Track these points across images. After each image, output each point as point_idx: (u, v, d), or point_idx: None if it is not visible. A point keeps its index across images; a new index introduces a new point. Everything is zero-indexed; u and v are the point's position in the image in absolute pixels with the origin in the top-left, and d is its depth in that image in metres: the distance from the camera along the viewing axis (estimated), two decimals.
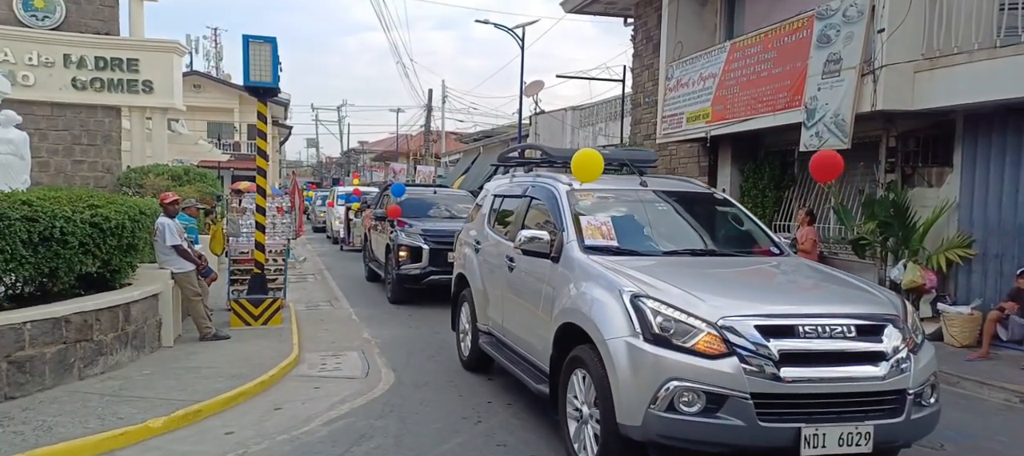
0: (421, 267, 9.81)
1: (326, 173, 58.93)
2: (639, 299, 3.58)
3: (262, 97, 7.87)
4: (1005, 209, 7.21)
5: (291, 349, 6.74)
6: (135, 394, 5.17)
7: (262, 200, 8.10)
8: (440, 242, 9.83)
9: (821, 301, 3.86)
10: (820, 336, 3.38)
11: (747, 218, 5.25)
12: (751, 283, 4.32)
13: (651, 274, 3.86)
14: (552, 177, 5.28)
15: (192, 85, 30.24)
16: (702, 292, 3.60)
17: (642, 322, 3.49)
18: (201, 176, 12.73)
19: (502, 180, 6.50)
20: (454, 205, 12.14)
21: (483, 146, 28.04)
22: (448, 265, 9.83)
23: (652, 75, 12.92)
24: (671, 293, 3.58)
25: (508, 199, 6.02)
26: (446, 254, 9.73)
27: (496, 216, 6.12)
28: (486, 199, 6.51)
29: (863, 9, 7.53)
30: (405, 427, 4.85)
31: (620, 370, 3.48)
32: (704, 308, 3.45)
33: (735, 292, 3.90)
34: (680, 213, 5.12)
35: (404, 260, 9.90)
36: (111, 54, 12.31)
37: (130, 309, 6.04)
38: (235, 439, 4.55)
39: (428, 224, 10.55)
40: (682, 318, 3.43)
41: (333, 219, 22.94)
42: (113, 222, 5.83)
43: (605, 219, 4.56)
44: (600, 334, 3.66)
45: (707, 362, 3.31)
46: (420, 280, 9.83)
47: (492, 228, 6.04)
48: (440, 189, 14.22)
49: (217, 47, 43.79)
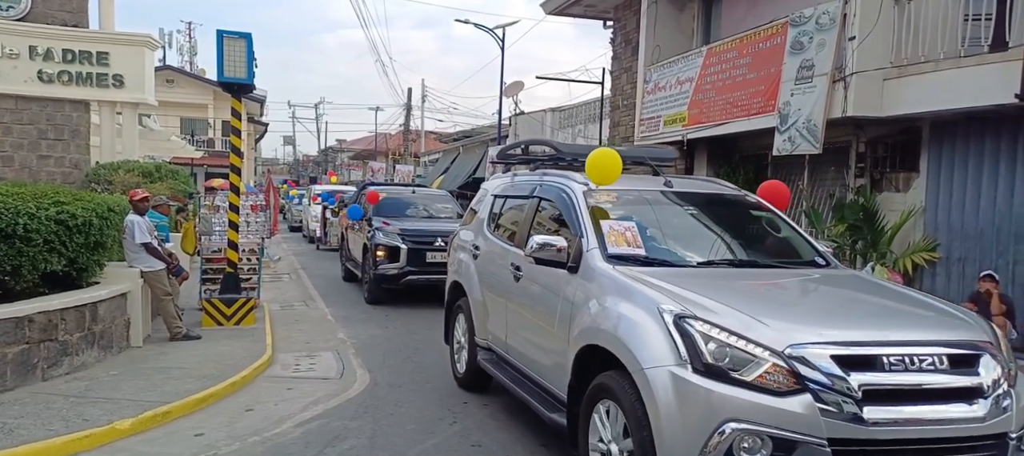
0: (399, 267, 9.72)
1: (303, 171, 58.30)
2: (685, 320, 3.01)
3: (236, 93, 7.77)
4: (968, 214, 7.41)
5: (264, 349, 6.66)
6: (102, 395, 5.07)
7: (236, 198, 7.99)
8: (418, 242, 9.81)
9: (904, 325, 3.24)
10: (907, 368, 2.83)
11: (785, 223, 4.70)
12: (814, 302, 3.75)
13: (692, 289, 3.30)
14: (564, 176, 4.71)
15: (165, 80, 29.71)
16: (761, 313, 3.06)
17: (690, 349, 2.93)
18: (173, 173, 12.50)
19: (502, 179, 5.93)
20: (433, 205, 12.00)
21: (463, 146, 27.99)
22: (427, 265, 9.72)
23: (631, 78, 13.02)
24: (723, 313, 3.03)
25: (511, 200, 5.45)
26: (425, 254, 9.75)
27: (497, 219, 5.56)
28: (484, 200, 5.94)
29: (835, 17, 7.68)
30: (380, 428, 4.82)
31: (664, 407, 2.91)
32: (767, 333, 2.89)
33: (800, 313, 3.36)
34: (711, 218, 4.58)
35: (382, 260, 9.79)
36: (79, 47, 12.02)
37: (97, 308, 5.91)
38: (205, 441, 4.48)
39: (406, 224, 10.48)
40: (741, 345, 2.87)
41: (309, 218, 22.73)
42: (80, 219, 5.70)
43: (629, 224, 4.01)
44: (636, 361, 3.09)
45: (773, 399, 2.75)
46: (398, 280, 9.74)
47: (493, 232, 5.49)
48: (419, 189, 14.01)
49: (191, 41, 43.07)
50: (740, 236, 4.54)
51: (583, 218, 4.13)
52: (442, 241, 9.67)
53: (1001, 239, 7.11)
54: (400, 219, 10.75)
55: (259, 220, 9.47)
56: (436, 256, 9.72)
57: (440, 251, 9.68)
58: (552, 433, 4.77)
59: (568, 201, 4.40)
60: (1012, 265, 7.01)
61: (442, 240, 9.70)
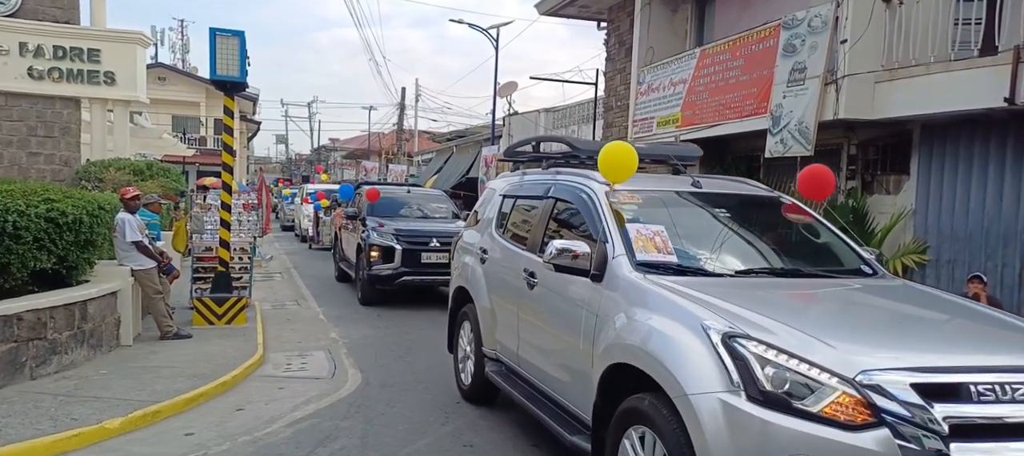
0: (393, 268, 9.60)
1: (296, 170, 58.10)
2: (736, 340, 2.65)
3: (229, 92, 7.74)
4: (957, 217, 7.47)
5: (255, 349, 6.64)
6: (91, 394, 5.04)
7: (228, 197, 7.96)
8: (413, 242, 9.71)
9: (992, 347, 2.90)
10: (999, 399, 2.45)
11: (824, 228, 4.31)
12: (878, 319, 3.30)
13: (737, 302, 2.97)
14: (583, 175, 4.34)
15: (157, 77, 29.51)
16: (822, 331, 2.70)
17: (743, 373, 2.57)
18: (165, 171, 12.43)
19: (510, 178, 5.54)
20: (428, 204, 11.85)
21: (456, 146, 27.96)
22: (422, 266, 9.63)
23: (624, 79, 13.05)
24: (780, 332, 2.67)
25: (523, 201, 5.06)
26: (420, 255, 9.64)
27: (507, 221, 5.15)
28: (492, 200, 5.56)
29: (827, 20, 7.73)
30: (371, 428, 4.81)
31: (713, 440, 2.55)
32: (833, 356, 2.53)
33: (866, 333, 2.97)
34: (744, 222, 4.22)
35: (375, 260, 9.65)
36: (71, 43, 11.94)
37: (87, 307, 5.87)
38: (195, 440, 4.46)
39: (401, 224, 10.35)
40: (804, 370, 2.50)
41: (302, 217, 22.66)
42: (70, 217, 5.67)
43: (658, 228, 3.64)
44: (678, 385, 2.73)
45: (844, 434, 2.38)
46: (392, 281, 9.62)
47: (502, 235, 5.09)
48: (414, 188, 13.77)
49: (183, 39, 42.86)
50: (777, 242, 4.16)
51: (607, 221, 3.75)
52: (438, 242, 9.66)
53: (990, 242, 7.17)
54: (395, 219, 10.62)
55: (251, 219, 9.44)
56: (432, 257, 9.66)
57: (436, 252, 9.63)
58: (544, 433, 4.78)
59: (588, 202, 4.02)
60: (1000, 267, 7.07)
61: (438, 241, 9.69)
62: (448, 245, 9.52)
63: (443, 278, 9.41)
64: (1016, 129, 6.91)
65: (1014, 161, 6.97)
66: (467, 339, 5.48)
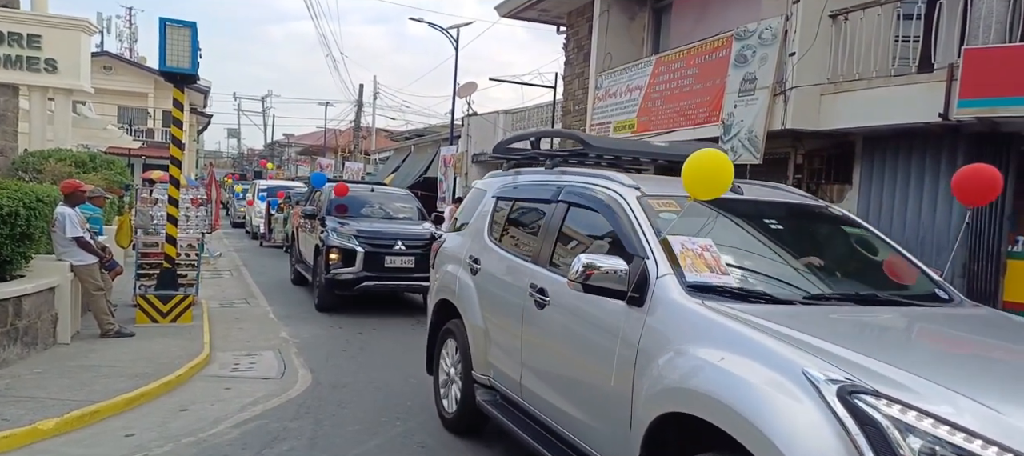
0: (354, 272, 8.93)
1: (248, 166, 56.71)
2: (860, 397, 1.98)
3: (179, 84, 7.53)
4: (895, 226, 7.82)
5: (201, 348, 6.46)
6: (24, 394, 4.82)
7: (175, 191, 7.73)
8: (377, 245, 9.13)
9: None
10: None
11: (883, 242, 3.73)
12: (1019, 369, 2.51)
13: (835, 340, 2.33)
14: (603, 176, 3.75)
15: (102, 66, 28.43)
16: (969, 387, 2.02)
17: (878, 444, 1.89)
18: (109, 163, 11.97)
19: (501, 178, 4.91)
20: (392, 203, 11.11)
21: (414, 145, 27.77)
22: (385, 271, 9.00)
23: (582, 83, 13.21)
24: (914, 386, 2.01)
25: (523, 204, 4.44)
26: (383, 258, 9.05)
27: (504, 226, 4.51)
28: (482, 203, 4.88)
29: (777, 33, 8.00)
30: (321, 429, 4.75)
31: None
32: (1001, 424, 1.86)
33: (1020, 388, 2.22)
34: (797, 236, 3.62)
35: (335, 263, 8.95)
36: (8, 28, 11.39)
37: (21, 303, 5.62)
38: (135, 442, 4.32)
39: (363, 224, 9.60)
40: (964, 443, 1.82)
41: (253, 214, 22.13)
42: (5, 209, 5.42)
43: (705, 242, 3.04)
44: (778, 453, 2.04)
45: None
46: (352, 287, 8.94)
47: (498, 243, 4.44)
48: (378, 186, 12.51)
49: (132, 28, 41.35)
50: (836, 260, 3.59)
51: (645, 233, 3.12)
52: (403, 244, 9.22)
53: (925, 250, 7.53)
54: (356, 219, 9.90)
55: (199, 215, 9.19)
56: (396, 261, 9.14)
57: (401, 255, 9.16)
58: (501, 434, 4.80)
59: (618, 209, 3.38)
60: None
61: (403, 243, 9.24)
62: (415, 248, 9.15)
63: (408, 283, 9.19)
64: (950, 143, 7.29)
65: (946, 173, 7.34)
66: (452, 360, 4.79)
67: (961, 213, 7.22)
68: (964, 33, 6.78)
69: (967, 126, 6.78)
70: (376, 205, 10.75)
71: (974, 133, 6.98)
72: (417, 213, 10.91)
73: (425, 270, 8.21)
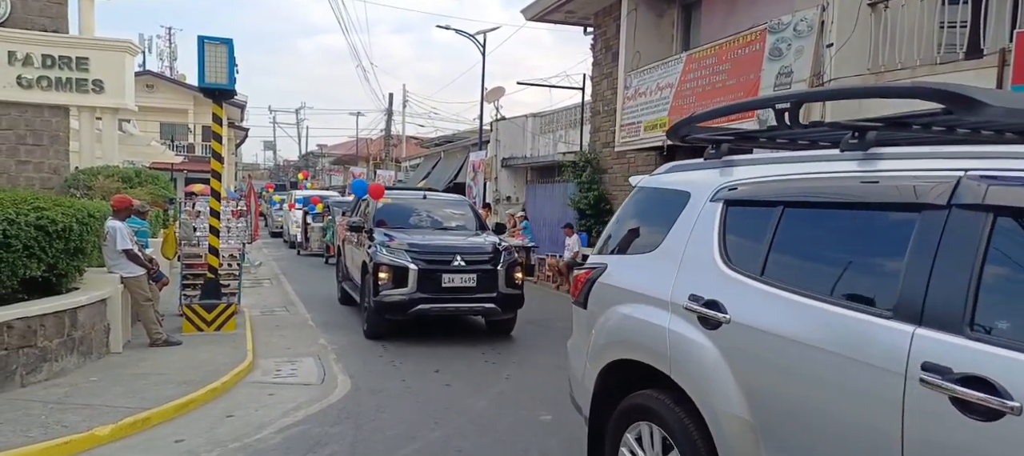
0: (406, 293, 7.63)
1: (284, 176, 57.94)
2: None
3: (217, 99, 7.74)
4: None
5: (245, 355, 6.63)
6: (81, 402, 5.02)
7: (216, 203, 7.96)
8: (433, 261, 7.77)
9: None
10: None
11: None
12: None
13: None
14: None
15: (145, 85, 29.38)
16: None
17: None
18: (153, 178, 12.39)
19: (721, 171, 3.04)
20: (446, 210, 9.69)
21: (444, 151, 27.99)
22: (443, 291, 7.71)
23: (611, 84, 13.15)
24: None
25: (813, 212, 2.56)
26: (441, 276, 7.71)
27: (763, 250, 2.61)
28: (685, 210, 3.07)
29: (813, 24, 7.84)
30: (360, 434, 4.83)
31: None
32: None
33: None
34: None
35: (384, 283, 7.67)
36: (59, 52, 11.89)
37: (77, 314, 5.86)
38: (185, 447, 4.46)
39: (416, 237, 8.29)
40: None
41: (290, 223, 22.59)
42: (60, 225, 5.65)
43: None
44: None
45: None
46: (405, 311, 7.65)
47: (762, 277, 2.58)
48: (431, 193, 10.96)
49: (171, 47, 42.74)
50: None
51: None
52: (463, 260, 7.85)
53: None
54: (407, 230, 8.66)
55: (239, 225, 9.43)
56: (454, 279, 7.75)
57: (460, 273, 7.79)
58: (534, 436, 4.82)
59: None
60: None
61: (463, 258, 7.86)
62: (477, 264, 7.87)
63: (470, 306, 7.99)
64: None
65: None
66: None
67: None
68: (1016, 15, 6.53)
69: None
70: (429, 214, 9.46)
71: None
72: (475, 221, 9.64)
73: (489, 289, 7.81)
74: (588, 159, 14.10)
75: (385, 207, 9.18)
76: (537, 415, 5.33)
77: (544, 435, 4.87)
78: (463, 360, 7.08)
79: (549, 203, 16.78)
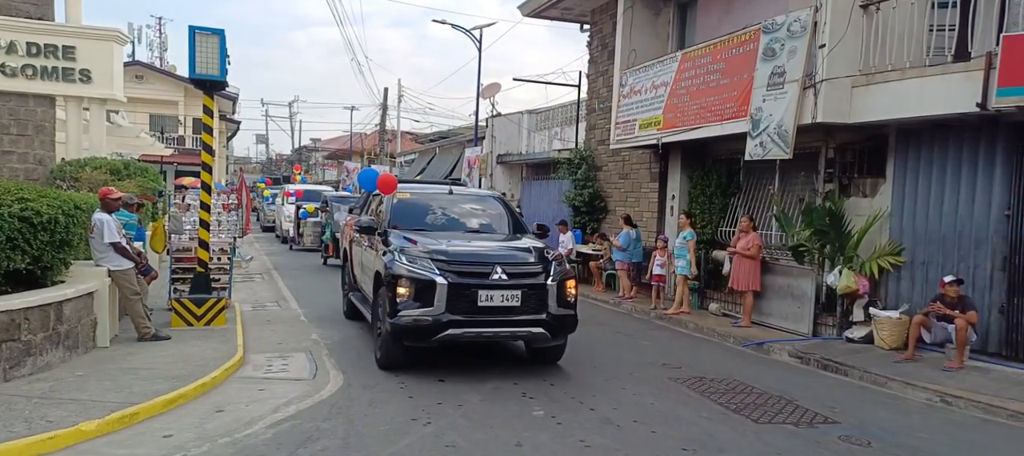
0: (433, 314, 5.96)
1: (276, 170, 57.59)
2: None
3: (209, 91, 7.66)
4: (931, 220, 7.63)
5: (235, 350, 6.57)
6: (67, 396, 4.95)
7: (207, 197, 7.87)
8: (467, 274, 6.10)
9: None
10: None
11: None
12: None
13: None
14: None
15: (134, 75, 29.06)
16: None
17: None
18: (142, 170, 12.25)
19: None
20: (476, 208, 7.85)
21: (439, 147, 27.92)
22: (478, 311, 6.05)
23: (607, 81, 13.14)
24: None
25: None
26: (476, 293, 6.04)
27: None
28: None
29: (806, 25, 7.85)
30: (353, 429, 4.79)
31: None
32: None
33: None
34: None
35: (404, 301, 6.03)
36: (45, 40, 11.71)
37: (62, 308, 5.78)
38: (174, 442, 4.41)
39: (443, 242, 6.51)
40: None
41: (283, 218, 22.47)
42: (45, 217, 5.57)
43: None
44: None
45: None
46: (430, 336, 6.02)
47: None
48: (458, 187, 8.69)
49: (161, 37, 42.31)
50: None
51: None
52: (504, 272, 6.15)
53: (962, 244, 7.34)
54: (430, 233, 6.91)
55: (231, 219, 9.35)
56: (493, 297, 6.08)
57: (500, 289, 6.11)
58: (527, 430, 4.80)
59: None
60: (973, 269, 7.23)
61: (503, 270, 6.16)
62: (521, 277, 6.22)
63: (512, 330, 6.29)
64: (988, 133, 7.09)
65: (986, 165, 7.14)
66: None
67: (1001, 206, 7.02)
68: (1003, 20, 6.58)
69: (1007, 115, 6.58)
70: (455, 213, 7.63)
71: (1014, 123, 6.78)
72: (510, 222, 7.74)
73: (536, 309, 6.15)
74: (583, 156, 14.09)
75: (402, 204, 7.50)
76: (530, 410, 5.32)
77: (537, 429, 4.86)
78: (455, 354, 7.05)
79: (544, 200, 16.78)
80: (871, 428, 5.23)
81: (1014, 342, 6.95)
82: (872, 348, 7.70)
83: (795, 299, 8.85)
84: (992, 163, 7.07)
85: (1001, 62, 6.15)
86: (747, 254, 9.00)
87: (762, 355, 7.96)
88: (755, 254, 9.01)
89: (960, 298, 6.86)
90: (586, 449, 4.57)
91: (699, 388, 6.18)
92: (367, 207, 8.92)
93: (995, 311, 7.10)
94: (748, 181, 10.24)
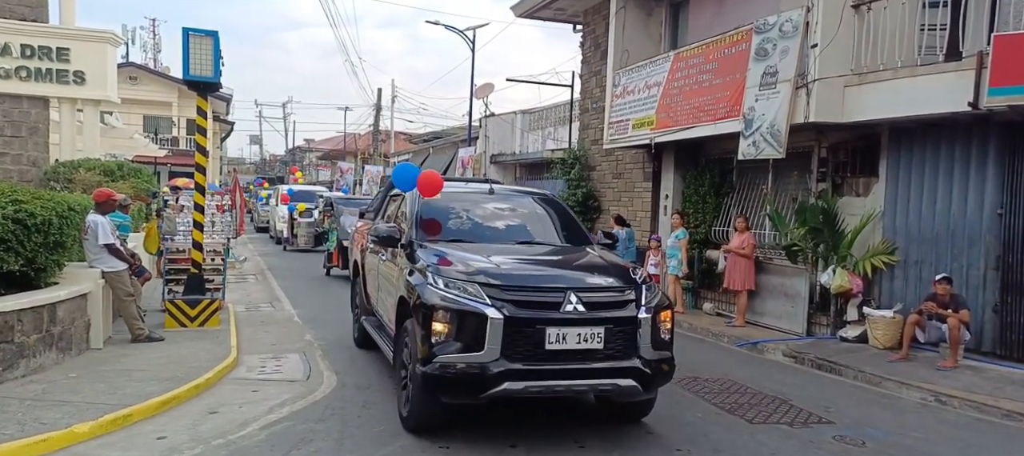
0: (483, 360, 4.23)
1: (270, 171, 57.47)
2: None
3: (202, 92, 7.64)
4: (924, 219, 7.67)
5: (229, 351, 6.56)
6: (60, 398, 4.94)
7: (201, 197, 7.86)
8: (528, 303, 4.38)
9: None
10: None
11: None
12: None
13: None
14: None
15: (128, 77, 28.99)
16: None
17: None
18: (136, 171, 12.22)
19: None
20: (529, 214, 6.06)
21: (433, 147, 27.91)
22: (544, 356, 4.28)
23: (600, 81, 13.15)
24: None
25: None
26: (543, 332, 4.27)
27: None
28: None
29: (798, 25, 7.89)
30: (346, 430, 4.79)
31: None
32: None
33: None
34: None
35: (441, 340, 4.31)
36: (39, 42, 11.68)
37: (56, 309, 5.76)
38: (167, 444, 4.40)
39: (493, 259, 4.81)
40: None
41: (276, 219, 22.43)
42: (39, 218, 5.55)
43: None
44: None
45: None
46: (480, 390, 4.26)
47: None
48: (498, 185, 6.80)
49: (155, 38, 42.24)
50: None
51: None
52: (579, 301, 4.40)
53: (955, 243, 7.38)
54: (471, 245, 5.22)
55: (224, 220, 9.34)
56: (567, 336, 4.32)
57: (576, 325, 4.34)
58: (521, 433, 4.81)
59: None
60: (966, 268, 7.28)
61: (579, 298, 4.42)
62: (604, 309, 4.48)
63: (591, 382, 4.49)
64: (980, 132, 7.13)
65: (978, 164, 7.19)
66: None
67: (993, 204, 7.06)
68: (994, 19, 6.62)
69: (999, 114, 6.62)
70: (497, 219, 5.89)
71: (1006, 122, 6.82)
72: (569, 230, 5.98)
73: (626, 353, 4.43)
74: (576, 156, 14.11)
75: (430, 208, 5.73)
76: (524, 412, 5.32)
77: (529, 428, 4.86)
78: None
79: None
80: (865, 428, 5.26)
81: (1008, 341, 6.99)
82: (866, 347, 7.74)
83: (789, 298, 8.88)
84: (984, 162, 7.11)
85: (992, 61, 6.19)
86: (741, 253, 9.03)
87: (756, 355, 7.99)
88: (749, 253, 9.05)
89: (952, 297, 6.89)
90: (581, 450, 4.58)
91: (693, 388, 6.19)
92: (384, 210, 7.08)
93: (989, 310, 7.15)
94: (741, 181, 10.28)
